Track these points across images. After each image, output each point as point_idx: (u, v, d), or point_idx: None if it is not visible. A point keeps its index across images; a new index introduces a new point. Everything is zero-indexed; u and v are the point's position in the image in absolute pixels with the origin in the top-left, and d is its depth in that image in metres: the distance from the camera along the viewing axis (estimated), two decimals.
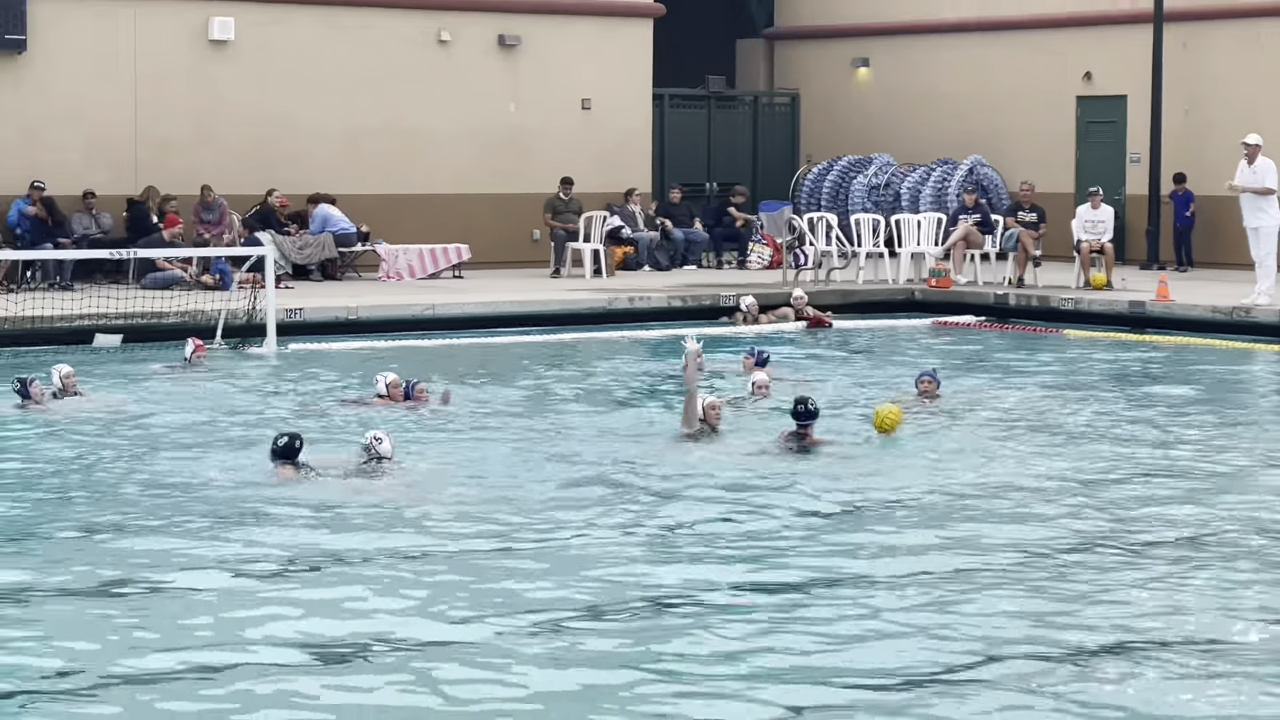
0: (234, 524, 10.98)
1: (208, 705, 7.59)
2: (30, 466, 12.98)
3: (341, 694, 7.72)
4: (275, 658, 8.23)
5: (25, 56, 24.29)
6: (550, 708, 7.59)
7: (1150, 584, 9.64)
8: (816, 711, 7.58)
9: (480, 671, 8.02)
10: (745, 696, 7.69)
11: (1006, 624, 8.78)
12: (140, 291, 22.33)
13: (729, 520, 11.18)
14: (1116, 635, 8.59)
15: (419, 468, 12.71)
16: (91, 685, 7.82)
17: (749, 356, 17.17)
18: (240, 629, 8.66)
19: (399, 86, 26.87)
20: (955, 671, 8.06)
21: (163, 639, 8.48)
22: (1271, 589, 9.59)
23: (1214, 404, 16.32)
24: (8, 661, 8.12)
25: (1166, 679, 7.94)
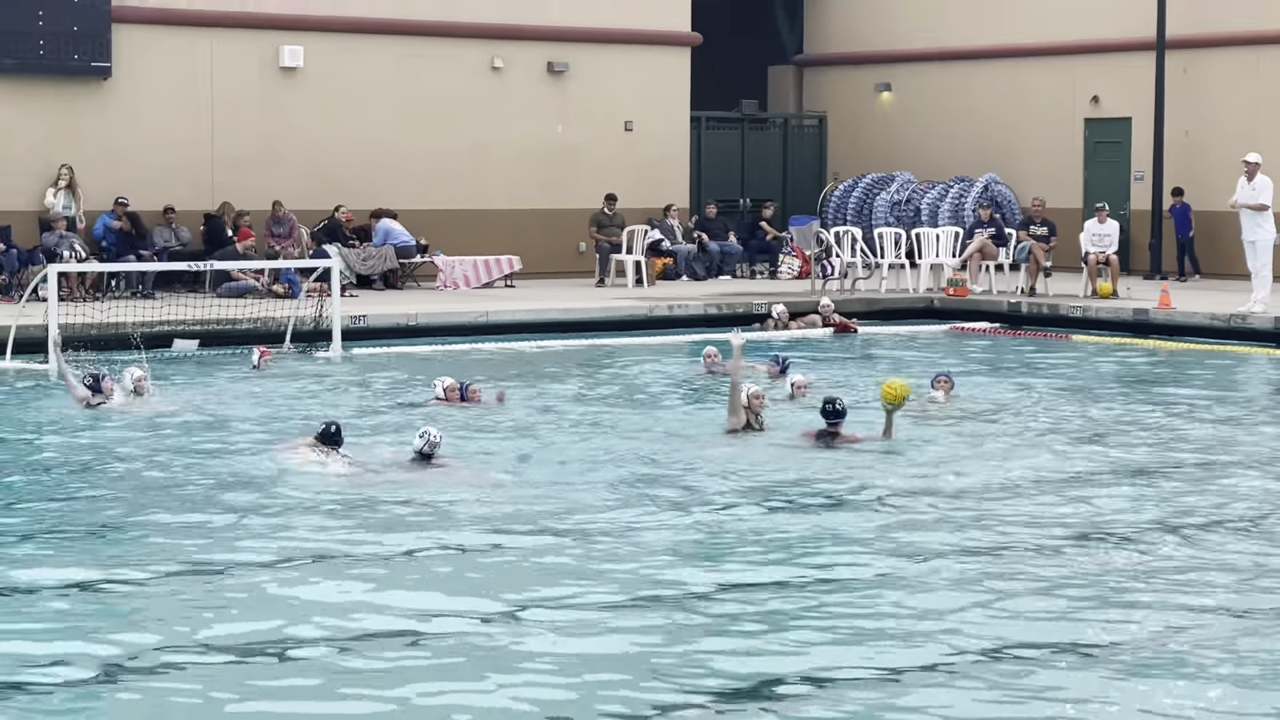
0: (280, 516, 11.00)
1: (264, 687, 7.61)
2: (96, 459, 12.97)
3: (377, 684, 7.64)
4: (320, 649, 8.17)
5: (110, 83, 24.47)
6: (581, 698, 7.51)
7: (1157, 580, 9.63)
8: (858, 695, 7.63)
9: (518, 661, 7.95)
10: (775, 686, 7.65)
11: (1024, 615, 8.80)
12: (216, 300, 22.51)
13: (761, 513, 11.15)
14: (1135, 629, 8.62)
15: (468, 464, 12.70)
16: (141, 671, 7.81)
17: (773, 363, 17.31)
18: (282, 622, 8.51)
19: (456, 110, 26.98)
20: (979, 663, 8.05)
21: (204, 628, 8.44)
22: (1267, 587, 9.60)
23: (1212, 404, 16.25)
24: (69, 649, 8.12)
25: (1176, 678, 7.93)
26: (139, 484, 12.16)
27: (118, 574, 9.54)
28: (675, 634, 8.40)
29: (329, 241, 24.89)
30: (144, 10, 24.59)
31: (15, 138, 23.95)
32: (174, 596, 9.14)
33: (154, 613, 8.81)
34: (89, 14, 24.00)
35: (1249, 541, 10.51)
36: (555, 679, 7.65)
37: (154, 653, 8.01)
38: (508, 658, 7.97)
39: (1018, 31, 30.02)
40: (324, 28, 25.88)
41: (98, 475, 12.49)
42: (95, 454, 13.27)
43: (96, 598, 9.09)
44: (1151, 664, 7.95)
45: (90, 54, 24.10)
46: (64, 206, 23.66)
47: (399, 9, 26.43)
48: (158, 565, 9.74)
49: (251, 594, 9.11)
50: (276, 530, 10.60)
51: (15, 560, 9.75)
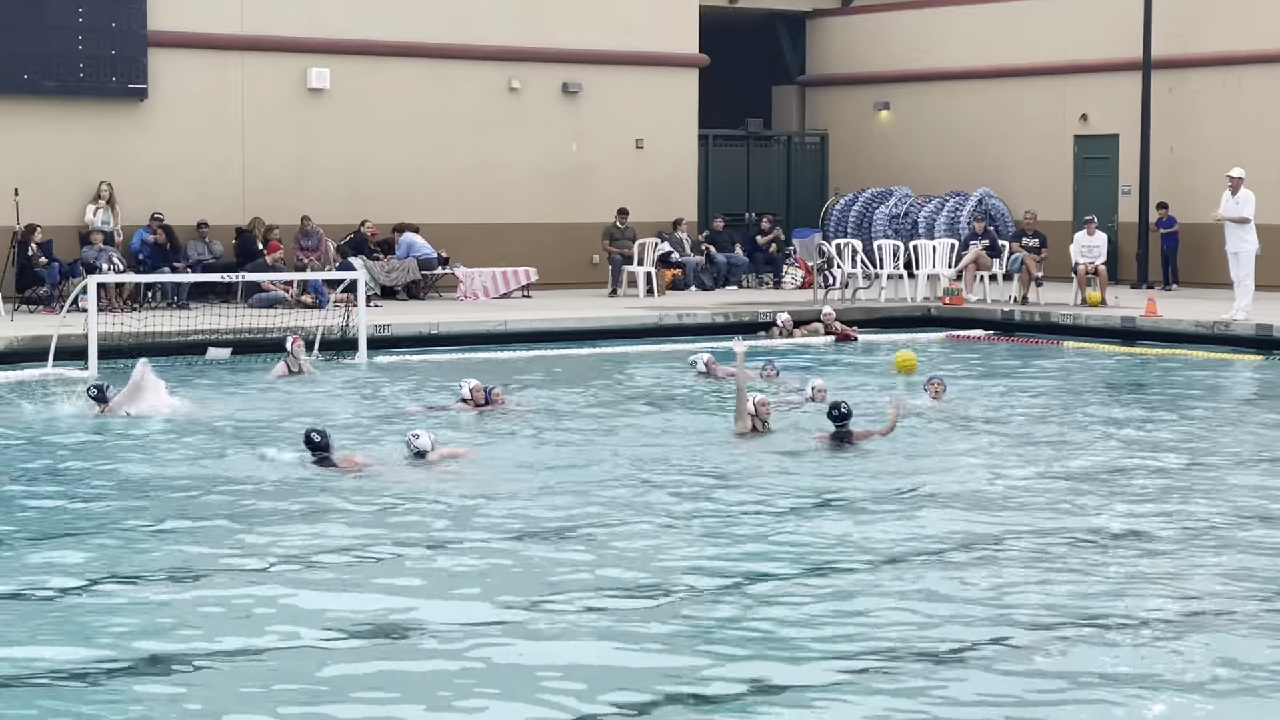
0: (289, 517, 10.96)
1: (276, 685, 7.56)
2: (115, 467, 12.81)
3: (386, 677, 7.60)
4: (335, 643, 8.14)
5: (147, 104, 24.44)
6: (588, 699, 7.45)
7: (1140, 571, 9.58)
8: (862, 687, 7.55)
9: (523, 663, 7.90)
10: (774, 689, 7.60)
11: (1022, 604, 8.74)
12: (247, 310, 22.45)
13: (768, 511, 11.14)
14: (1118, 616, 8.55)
15: (484, 464, 12.70)
16: (154, 669, 7.78)
17: (769, 367, 17.30)
18: (280, 625, 8.44)
19: (475, 128, 26.93)
20: (982, 662, 8.00)
21: (207, 626, 8.39)
22: (1251, 577, 9.51)
23: (1196, 407, 16.23)
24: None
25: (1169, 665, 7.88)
26: (160, 487, 12.10)
27: (123, 575, 9.49)
28: (678, 633, 8.37)
29: (355, 254, 24.84)
30: (178, 35, 24.55)
31: (56, 157, 23.92)
32: (192, 597, 9.08)
33: (168, 613, 8.78)
34: (126, 39, 23.97)
35: (1227, 531, 10.47)
36: (560, 682, 7.57)
37: (161, 654, 7.98)
38: (512, 660, 7.91)
39: (1010, 53, 29.94)
40: (349, 50, 25.84)
41: (108, 479, 12.39)
42: (110, 458, 13.16)
43: (93, 600, 8.98)
44: (1143, 664, 7.90)
45: (127, 77, 24.09)
46: (103, 221, 23.62)
47: (421, 32, 26.37)
48: (170, 568, 9.71)
49: (250, 599, 8.96)
50: (273, 533, 10.52)
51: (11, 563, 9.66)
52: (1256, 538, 10.42)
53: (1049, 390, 17.26)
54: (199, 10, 24.75)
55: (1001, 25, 30.22)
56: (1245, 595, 8.95)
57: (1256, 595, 8.95)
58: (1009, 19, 30.18)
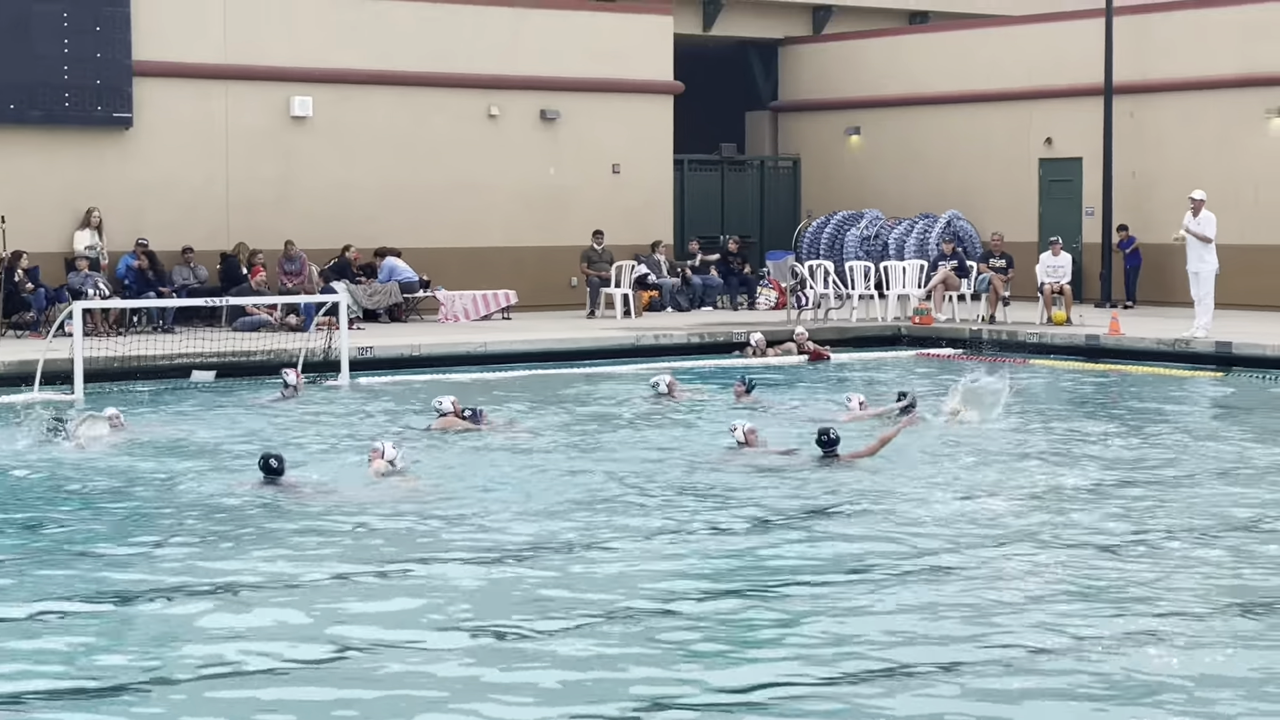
0: (253, 537, 10.90)
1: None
2: (73, 495, 12.68)
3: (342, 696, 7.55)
4: (306, 661, 8.11)
5: (132, 132, 24.38)
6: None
7: (1117, 589, 9.57)
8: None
9: (507, 680, 7.87)
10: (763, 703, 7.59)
11: (997, 618, 8.72)
12: (232, 333, 22.40)
13: (744, 529, 11.10)
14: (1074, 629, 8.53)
15: (464, 483, 12.66)
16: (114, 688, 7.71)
17: (740, 384, 17.29)
18: (260, 638, 8.41)
19: (455, 155, 26.92)
20: (966, 675, 7.97)
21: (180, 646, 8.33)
22: (1217, 582, 9.51)
23: (1158, 422, 16.23)
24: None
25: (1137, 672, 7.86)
26: (135, 511, 12.01)
27: (93, 598, 9.44)
28: (659, 647, 8.32)
29: (338, 279, 24.78)
30: (163, 65, 24.50)
31: (42, 185, 23.85)
32: (158, 618, 8.99)
33: (144, 633, 8.67)
34: (111, 68, 23.91)
35: (1190, 539, 10.48)
36: (530, 703, 7.50)
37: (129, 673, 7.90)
38: (490, 679, 7.86)
39: (977, 79, 30.03)
40: (332, 79, 25.82)
41: (81, 504, 12.28)
42: (83, 484, 13.00)
43: (60, 624, 8.88)
44: (1128, 671, 7.87)
45: (113, 105, 24.03)
46: (87, 246, 23.53)
47: (402, 61, 26.36)
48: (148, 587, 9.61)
49: (217, 623, 8.85)
50: (244, 556, 10.46)
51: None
52: (1222, 551, 10.41)
53: (1018, 407, 17.20)
54: (183, 40, 24.71)
55: (969, 52, 30.31)
56: (1222, 606, 8.95)
57: (1232, 606, 8.95)
58: (976, 46, 30.27)
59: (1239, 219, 26.16)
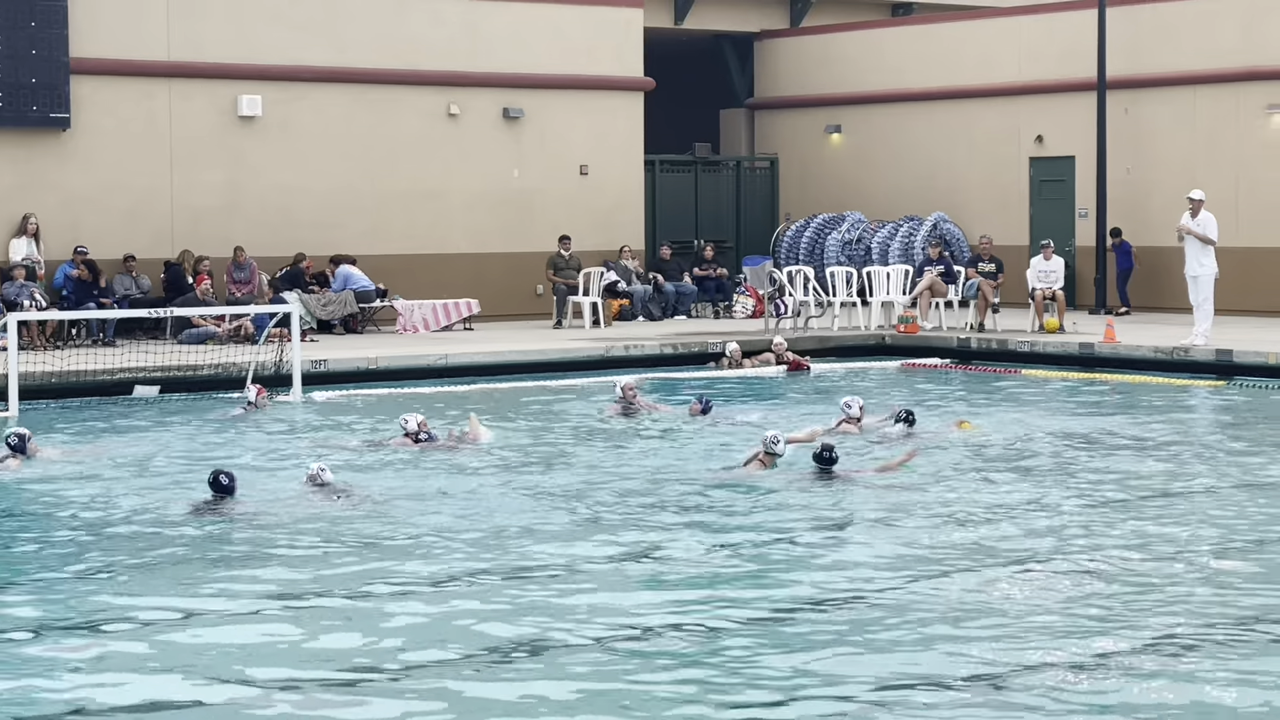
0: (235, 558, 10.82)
1: None
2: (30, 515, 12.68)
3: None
4: (299, 679, 8.07)
5: (69, 133, 24.20)
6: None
7: (1102, 597, 9.53)
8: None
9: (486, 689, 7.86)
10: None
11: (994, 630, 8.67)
12: (177, 346, 22.24)
13: (726, 543, 11.07)
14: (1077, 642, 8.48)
15: (431, 499, 12.59)
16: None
17: (696, 403, 17.18)
18: (241, 659, 8.45)
19: (413, 156, 26.80)
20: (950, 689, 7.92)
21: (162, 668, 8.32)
22: (1212, 594, 9.47)
23: (1156, 433, 16.23)
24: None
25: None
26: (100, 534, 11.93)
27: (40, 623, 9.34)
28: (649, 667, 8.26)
29: (289, 288, 24.63)
30: (101, 62, 24.34)
31: None
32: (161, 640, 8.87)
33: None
34: (47, 66, 23.74)
35: (1190, 553, 10.46)
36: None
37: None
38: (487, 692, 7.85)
39: (963, 73, 30.03)
40: (282, 76, 25.70)
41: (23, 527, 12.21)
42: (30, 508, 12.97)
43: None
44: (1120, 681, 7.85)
45: (48, 105, 23.86)
46: (25, 256, 23.31)
47: (355, 57, 26.24)
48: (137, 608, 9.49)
49: (171, 645, 8.87)
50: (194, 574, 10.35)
51: None
52: (1233, 562, 10.40)
53: (1010, 419, 17.18)
54: (123, 36, 24.54)
55: (955, 45, 30.31)
56: (1227, 620, 8.92)
57: (1237, 620, 8.92)
58: (963, 39, 30.28)
59: (1239, 219, 26.19)
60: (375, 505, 12.47)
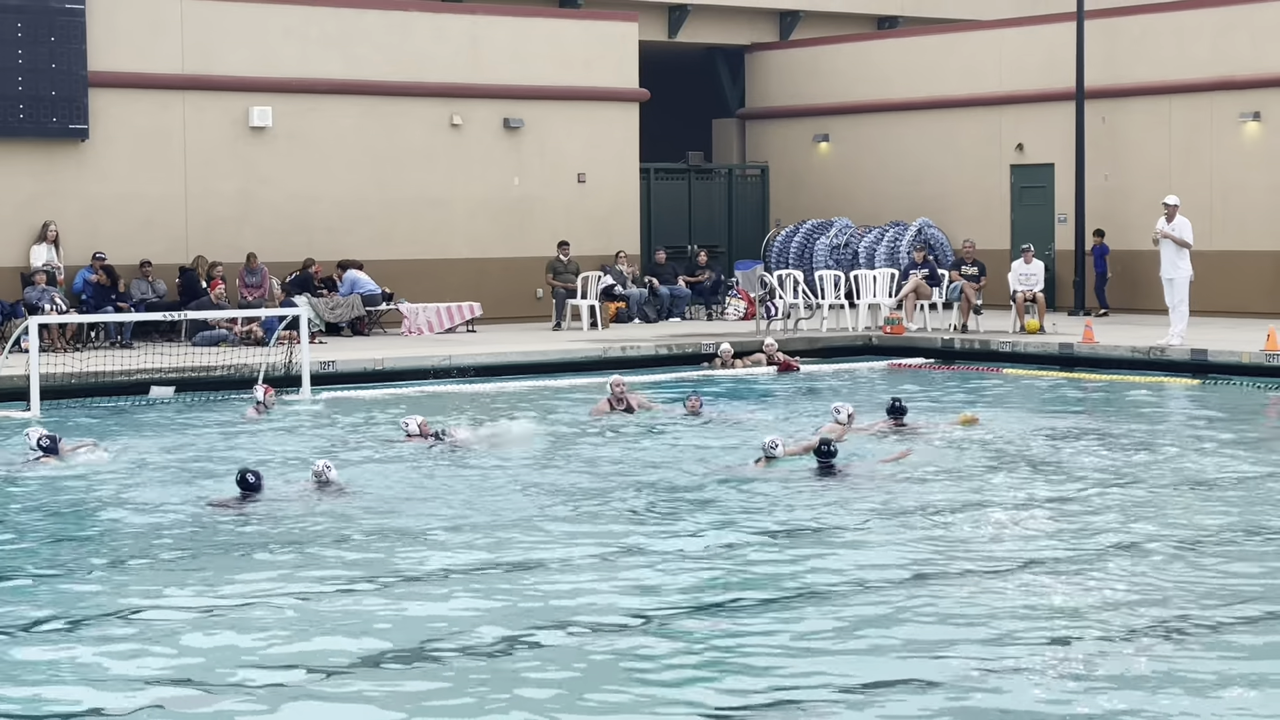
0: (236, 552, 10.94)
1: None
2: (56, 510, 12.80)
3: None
4: (300, 675, 8.13)
5: (88, 144, 24.39)
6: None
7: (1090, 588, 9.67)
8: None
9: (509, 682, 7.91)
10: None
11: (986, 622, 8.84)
12: (191, 348, 22.40)
13: (724, 541, 11.15)
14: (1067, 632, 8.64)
15: (434, 497, 12.72)
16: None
17: (695, 398, 17.37)
18: (246, 652, 8.46)
19: (417, 165, 26.98)
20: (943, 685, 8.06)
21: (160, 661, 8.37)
22: (1184, 593, 9.63)
23: (1133, 430, 16.29)
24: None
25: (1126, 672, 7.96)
26: (119, 530, 12.01)
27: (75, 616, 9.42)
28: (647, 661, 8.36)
29: (299, 292, 24.82)
30: (118, 75, 24.52)
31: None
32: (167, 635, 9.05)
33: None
34: (66, 79, 23.92)
35: (1165, 545, 10.55)
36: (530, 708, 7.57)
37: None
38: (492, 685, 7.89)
39: (946, 84, 30.23)
40: (291, 89, 25.85)
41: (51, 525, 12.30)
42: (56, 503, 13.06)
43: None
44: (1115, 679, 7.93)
45: (68, 117, 24.02)
46: (45, 261, 23.53)
47: (362, 70, 26.42)
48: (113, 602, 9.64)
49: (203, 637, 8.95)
50: (213, 572, 10.49)
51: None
52: (1204, 560, 10.50)
53: (994, 417, 17.27)
54: (139, 50, 24.73)
55: (938, 57, 30.51)
56: (1206, 615, 9.02)
57: (1215, 615, 9.03)
58: (946, 51, 30.46)
59: (1213, 224, 26.43)
60: (378, 502, 12.47)
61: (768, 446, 13.69)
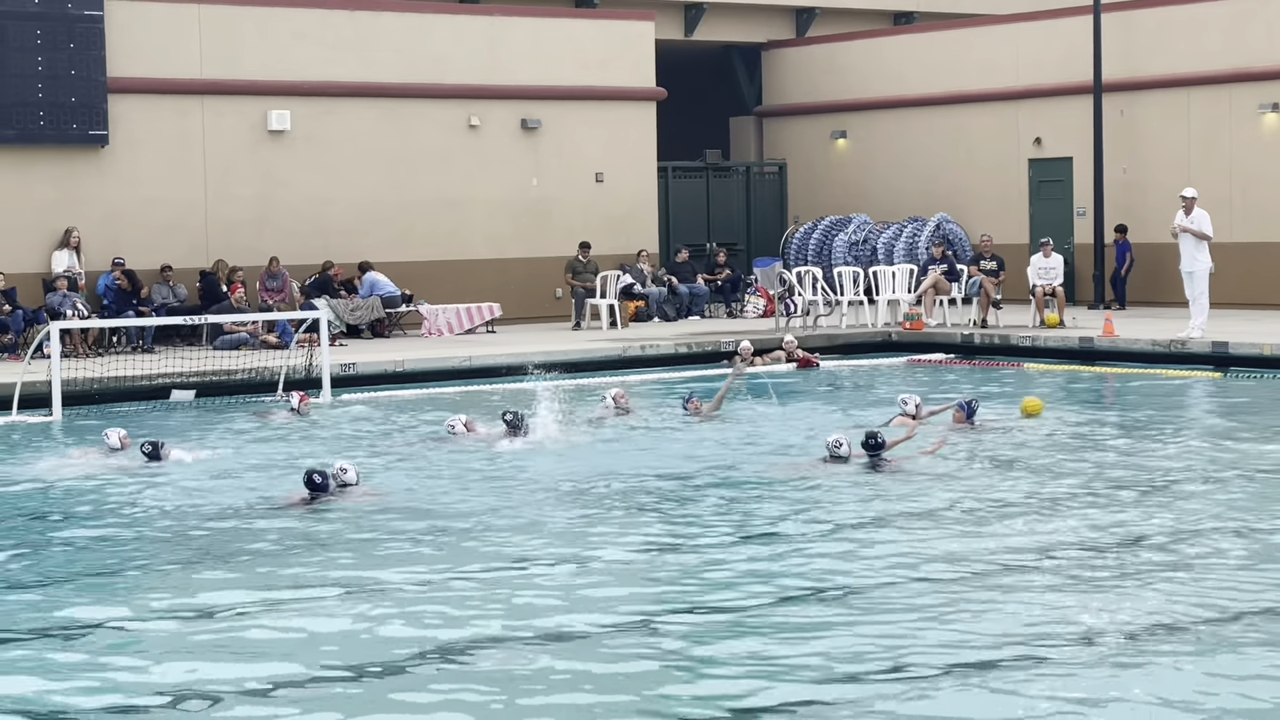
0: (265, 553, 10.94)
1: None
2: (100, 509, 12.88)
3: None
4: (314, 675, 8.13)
5: (108, 150, 24.37)
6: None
7: (1103, 584, 9.59)
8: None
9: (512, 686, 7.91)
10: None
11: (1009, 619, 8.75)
12: (212, 352, 22.36)
13: (798, 525, 11.20)
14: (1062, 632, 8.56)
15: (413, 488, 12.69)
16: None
17: (695, 400, 17.23)
18: (263, 653, 8.49)
19: (436, 166, 26.93)
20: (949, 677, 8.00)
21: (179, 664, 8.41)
22: (1207, 589, 9.53)
23: (1155, 424, 16.23)
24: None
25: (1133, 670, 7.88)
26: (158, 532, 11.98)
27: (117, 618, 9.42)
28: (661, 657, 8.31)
29: (319, 294, 24.78)
30: (138, 81, 24.50)
31: (18, 205, 23.84)
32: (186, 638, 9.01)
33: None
34: (86, 86, 23.90)
35: (1185, 544, 10.48)
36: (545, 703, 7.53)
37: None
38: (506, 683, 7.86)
39: (964, 79, 30.09)
40: (309, 92, 25.83)
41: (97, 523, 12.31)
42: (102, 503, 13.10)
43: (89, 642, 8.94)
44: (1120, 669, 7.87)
45: (88, 123, 24.02)
46: (67, 267, 23.52)
47: (379, 72, 26.37)
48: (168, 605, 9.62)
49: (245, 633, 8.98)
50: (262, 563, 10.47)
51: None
52: (1229, 554, 10.44)
53: (1015, 413, 17.18)
54: (158, 56, 24.70)
55: (955, 52, 30.37)
56: (1228, 611, 8.97)
57: (1237, 610, 8.98)
58: (962, 46, 30.33)
59: (1232, 216, 26.25)
60: (412, 502, 12.50)
61: (831, 446, 13.63)
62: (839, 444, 13.63)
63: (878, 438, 13.56)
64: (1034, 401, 16.67)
